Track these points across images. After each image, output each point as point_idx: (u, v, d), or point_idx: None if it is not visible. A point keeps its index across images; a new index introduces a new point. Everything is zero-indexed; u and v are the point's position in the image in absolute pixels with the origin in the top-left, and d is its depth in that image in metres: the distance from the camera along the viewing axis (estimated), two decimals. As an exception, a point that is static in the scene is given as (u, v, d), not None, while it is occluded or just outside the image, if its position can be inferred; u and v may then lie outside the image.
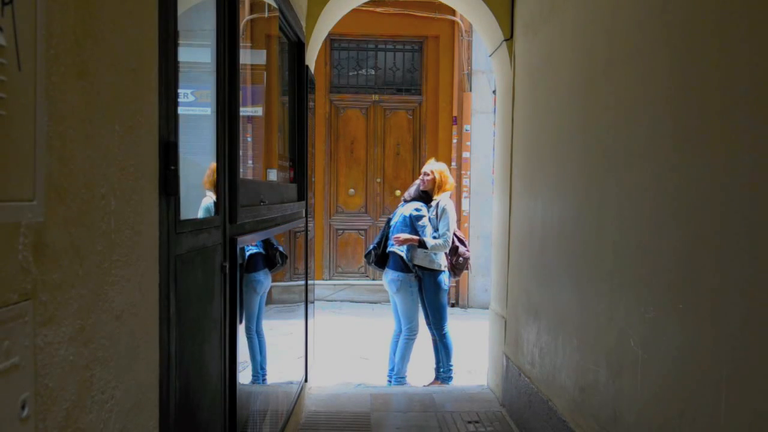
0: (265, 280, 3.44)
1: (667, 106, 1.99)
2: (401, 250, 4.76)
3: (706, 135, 1.76)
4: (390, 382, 4.90)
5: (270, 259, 3.71)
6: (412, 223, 4.75)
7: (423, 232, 4.69)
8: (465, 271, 5.09)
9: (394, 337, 4.96)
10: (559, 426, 2.95)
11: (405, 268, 4.74)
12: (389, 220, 4.99)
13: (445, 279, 4.79)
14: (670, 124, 1.96)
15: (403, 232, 4.78)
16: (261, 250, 3.48)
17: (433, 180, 4.84)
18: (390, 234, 4.87)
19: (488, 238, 6.77)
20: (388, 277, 4.83)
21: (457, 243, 4.83)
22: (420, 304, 4.87)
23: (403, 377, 4.88)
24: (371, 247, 5.05)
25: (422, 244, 4.67)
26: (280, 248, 3.56)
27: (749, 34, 1.58)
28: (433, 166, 4.92)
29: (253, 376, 3.07)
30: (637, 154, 2.19)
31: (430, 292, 4.80)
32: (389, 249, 4.83)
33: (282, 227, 3.14)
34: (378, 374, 5.17)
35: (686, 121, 1.87)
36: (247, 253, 3.17)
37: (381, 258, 4.92)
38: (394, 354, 4.94)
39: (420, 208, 4.80)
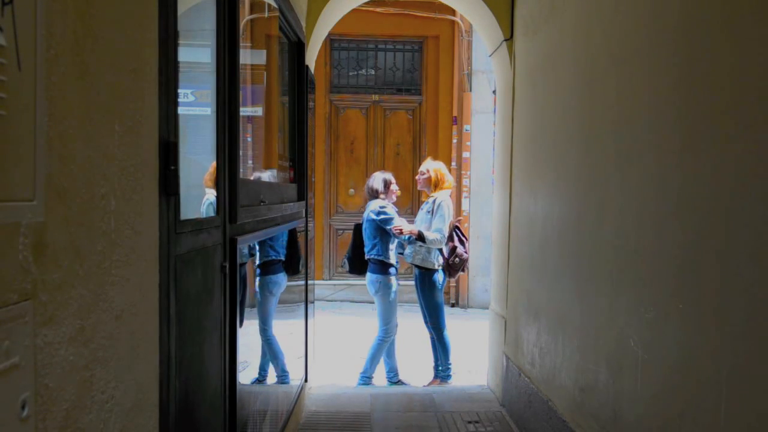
0: (282, 282, 3.49)
1: (668, 105, 1.99)
2: (398, 248, 4.75)
3: (707, 133, 1.76)
4: (361, 382, 4.85)
5: (295, 263, 3.78)
6: (380, 227, 4.71)
7: (393, 231, 4.67)
8: (461, 273, 5.05)
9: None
10: (559, 426, 2.95)
11: (383, 270, 4.73)
12: (358, 225, 4.96)
13: (439, 278, 4.79)
14: (670, 123, 1.96)
15: (372, 235, 4.75)
16: (282, 258, 3.55)
17: (429, 178, 4.84)
18: (365, 238, 4.83)
19: (488, 238, 6.77)
20: (367, 280, 4.83)
21: (456, 243, 4.82)
22: (396, 308, 4.85)
23: (370, 377, 4.84)
24: (346, 256, 5.04)
25: (421, 237, 4.67)
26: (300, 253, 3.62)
27: (756, 29, 1.58)
28: (429, 165, 4.91)
29: (278, 376, 3.11)
30: (638, 154, 2.19)
31: (424, 290, 4.80)
32: (367, 257, 4.80)
33: (282, 227, 3.14)
34: (378, 374, 5.16)
35: (687, 120, 1.87)
36: (267, 259, 3.23)
37: (360, 264, 4.89)
38: (387, 355, 4.93)
39: (384, 205, 4.77)
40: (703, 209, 1.76)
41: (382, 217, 4.71)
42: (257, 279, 3.43)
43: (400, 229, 4.70)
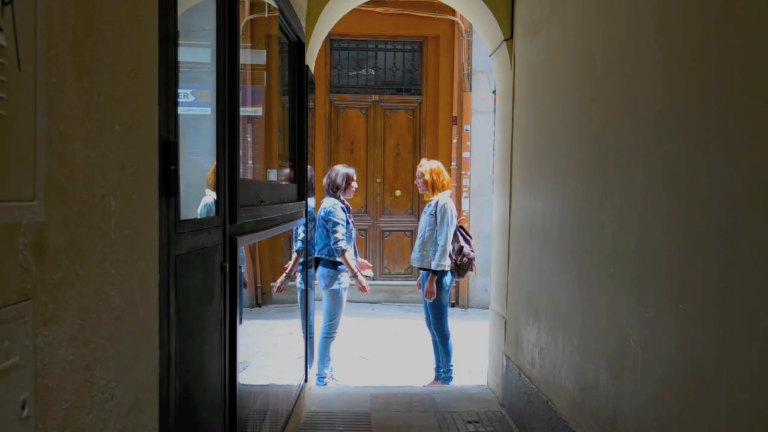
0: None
1: (670, 104, 1.99)
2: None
3: (703, 136, 1.76)
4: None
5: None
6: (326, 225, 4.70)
7: (333, 236, 4.62)
8: (470, 272, 5.03)
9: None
10: (559, 426, 2.95)
11: (333, 265, 4.72)
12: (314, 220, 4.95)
13: (446, 279, 4.78)
14: (673, 122, 1.96)
15: (323, 236, 4.69)
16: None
17: (425, 182, 4.82)
18: (315, 237, 4.76)
19: (488, 238, 6.77)
20: (318, 273, 4.79)
21: (462, 242, 4.80)
22: (343, 305, 4.84)
23: (324, 377, 4.81)
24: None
25: (437, 272, 4.67)
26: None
27: (740, 36, 1.58)
28: (424, 167, 4.86)
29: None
30: (636, 155, 2.19)
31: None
32: (317, 255, 4.74)
33: (282, 227, 3.14)
34: (378, 374, 5.16)
35: (682, 122, 1.87)
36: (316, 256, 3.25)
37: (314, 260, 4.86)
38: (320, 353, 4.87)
39: (336, 204, 4.72)
40: (701, 209, 1.76)
41: (331, 223, 4.67)
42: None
43: (431, 293, 4.68)
